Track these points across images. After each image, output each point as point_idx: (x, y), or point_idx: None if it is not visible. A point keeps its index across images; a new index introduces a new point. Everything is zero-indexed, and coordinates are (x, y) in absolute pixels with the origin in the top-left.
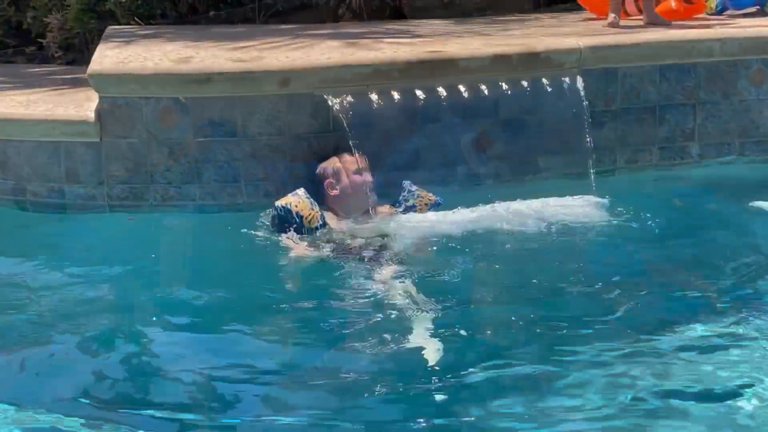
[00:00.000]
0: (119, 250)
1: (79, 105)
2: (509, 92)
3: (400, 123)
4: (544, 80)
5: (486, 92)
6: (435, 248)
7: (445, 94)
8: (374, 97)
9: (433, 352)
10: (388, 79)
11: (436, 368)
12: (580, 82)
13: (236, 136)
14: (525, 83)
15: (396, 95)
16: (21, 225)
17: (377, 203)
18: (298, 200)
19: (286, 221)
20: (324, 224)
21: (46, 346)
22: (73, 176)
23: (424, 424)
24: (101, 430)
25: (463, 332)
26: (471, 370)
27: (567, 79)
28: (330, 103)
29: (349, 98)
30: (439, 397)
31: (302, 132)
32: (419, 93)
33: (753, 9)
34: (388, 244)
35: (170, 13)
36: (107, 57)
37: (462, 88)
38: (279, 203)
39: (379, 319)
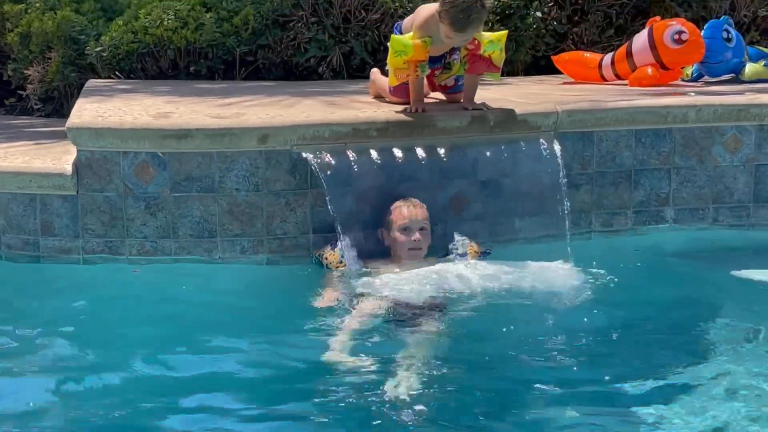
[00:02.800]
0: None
1: (57, 158)
2: (486, 153)
3: (377, 181)
4: (521, 142)
5: (463, 153)
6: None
7: (423, 154)
8: (352, 155)
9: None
10: (367, 138)
11: None
12: (556, 145)
13: (214, 191)
14: (502, 145)
15: (374, 154)
16: None
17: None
18: (324, 249)
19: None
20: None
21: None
22: (49, 229)
23: None
24: None
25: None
26: None
27: (544, 142)
28: (308, 160)
29: (327, 156)
30: None
31: (280, 188)
32: (397, 152)
33: (728, 76)
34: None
35: (151, 67)
36: (86, 110)
37: (440, 148)
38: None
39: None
